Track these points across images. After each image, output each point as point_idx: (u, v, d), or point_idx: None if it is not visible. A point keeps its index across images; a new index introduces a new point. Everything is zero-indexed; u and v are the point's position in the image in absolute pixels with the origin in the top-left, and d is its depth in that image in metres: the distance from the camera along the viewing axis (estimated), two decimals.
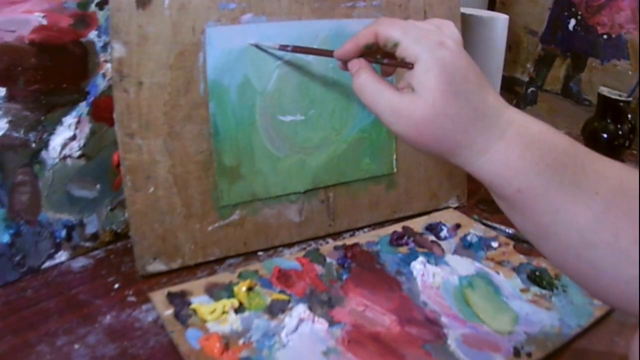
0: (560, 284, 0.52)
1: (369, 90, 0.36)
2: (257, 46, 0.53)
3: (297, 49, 0.50)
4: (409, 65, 0.34)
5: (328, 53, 0.41)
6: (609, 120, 0.80)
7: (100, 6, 0.52)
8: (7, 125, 0.48)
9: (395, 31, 0.35)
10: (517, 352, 0.43)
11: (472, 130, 0.33)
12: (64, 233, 0.54)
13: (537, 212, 0.32)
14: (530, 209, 0.33)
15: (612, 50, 0.89)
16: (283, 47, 0.51)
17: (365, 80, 0.36)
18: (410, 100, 0.34)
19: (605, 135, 0.79)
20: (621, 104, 0.78)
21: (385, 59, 0.38)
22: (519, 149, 0.32)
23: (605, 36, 0.90)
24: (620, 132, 0.79)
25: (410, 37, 0.34)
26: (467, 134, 0.33)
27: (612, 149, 0.79)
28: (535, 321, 0.46)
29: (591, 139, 0.81)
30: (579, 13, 0.93)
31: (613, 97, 0.79)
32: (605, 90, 0.80)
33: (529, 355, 0.42)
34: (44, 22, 0.48)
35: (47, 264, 0.53)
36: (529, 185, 0.32)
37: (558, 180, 0.31)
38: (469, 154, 0.34)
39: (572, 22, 0.94)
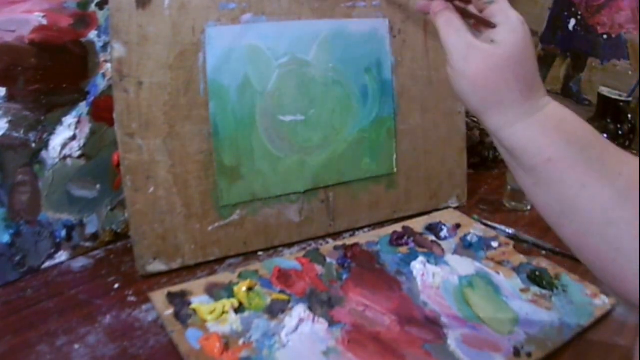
0: (560, 284, 0.51)
1: (454, 26, 0.37)
2: None
3: None
4: (491, 24, 0.37)
5: None
6: (609, 120, 0.80)
7: (100, 6, 0.52)
8: (7, 125, 0.48)
9: None
10: (517, 352, 0.43)
11: (526, 93, 0.36)
12: (64, 233, 0.54)
13: (564, 185, 0.34)
14: (558, 181, 0.34)
15: (612, 50, 0.89)
16: None
17: (453, 17, 0.38)
18: (489, 46, 0.36)
19: (605, 135, 0.79)
20: (621, 104, 0.78)
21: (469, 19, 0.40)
22: (555, 121, 0.36)
23: (605, 36, 0.90)
24: (620, 132, 0.79)
25: (507, 1, 0.38)
26: (521, 94, 0.36)
27: None
28: (535, 321, 0.46)
29: None
30: (579, 13, 0.93)
31: (613, 97, 0.79)
32: (605, 90, 0.80)
33: (529, 355, 0.42)
34: (44, 22, 0.48)
35: (47, 264, 0.53)
36: (560, 155, 0.34)
37: (587, 155, 0.34)
38: (511, 115, 0.36)
39: (572, 22, 0.94)
